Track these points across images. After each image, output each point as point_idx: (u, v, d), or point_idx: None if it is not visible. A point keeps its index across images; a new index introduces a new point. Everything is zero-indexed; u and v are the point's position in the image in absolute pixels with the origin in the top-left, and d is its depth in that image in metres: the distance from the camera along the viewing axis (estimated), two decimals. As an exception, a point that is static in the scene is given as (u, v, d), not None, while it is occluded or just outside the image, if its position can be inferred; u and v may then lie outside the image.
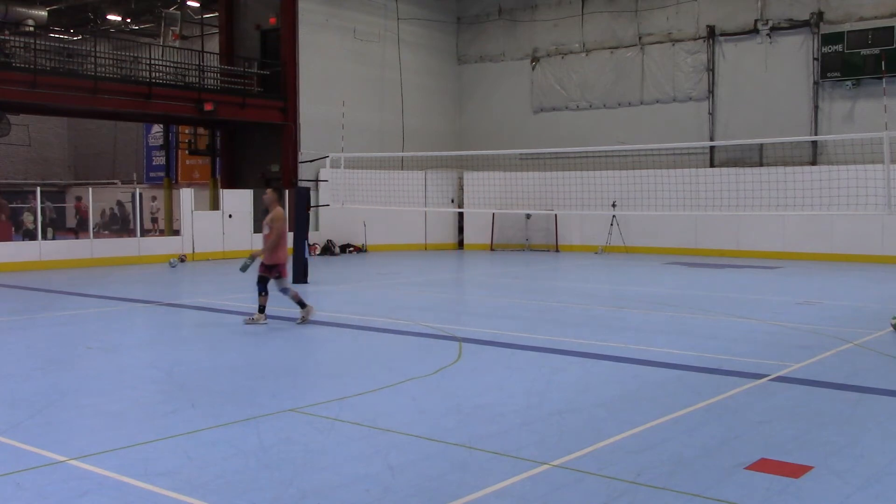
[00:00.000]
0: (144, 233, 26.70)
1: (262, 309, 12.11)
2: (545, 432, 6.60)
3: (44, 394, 7.91)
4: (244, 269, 12.13)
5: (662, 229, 25.62)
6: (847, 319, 12.42)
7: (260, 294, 12.11)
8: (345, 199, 19.89)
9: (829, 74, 23.62)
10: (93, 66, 22.97)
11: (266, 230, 12.15)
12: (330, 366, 9.74)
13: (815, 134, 23.85)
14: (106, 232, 32.32)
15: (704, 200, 21.11)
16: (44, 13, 30.95)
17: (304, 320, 12.13)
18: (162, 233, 29.64)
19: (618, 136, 26.86)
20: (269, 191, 12.72)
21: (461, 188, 28.97)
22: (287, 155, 26.36)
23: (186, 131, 30.71)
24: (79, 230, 27.24)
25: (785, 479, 5.49)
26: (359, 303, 15.03)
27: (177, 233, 24.72)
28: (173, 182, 29.91)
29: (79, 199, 24.35)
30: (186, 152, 32.18)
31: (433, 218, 29.02)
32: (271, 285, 12.15)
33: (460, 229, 29.56)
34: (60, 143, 43.25)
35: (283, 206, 13.60)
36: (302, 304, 12.19)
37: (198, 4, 32.66)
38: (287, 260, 12.35)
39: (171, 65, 25.50)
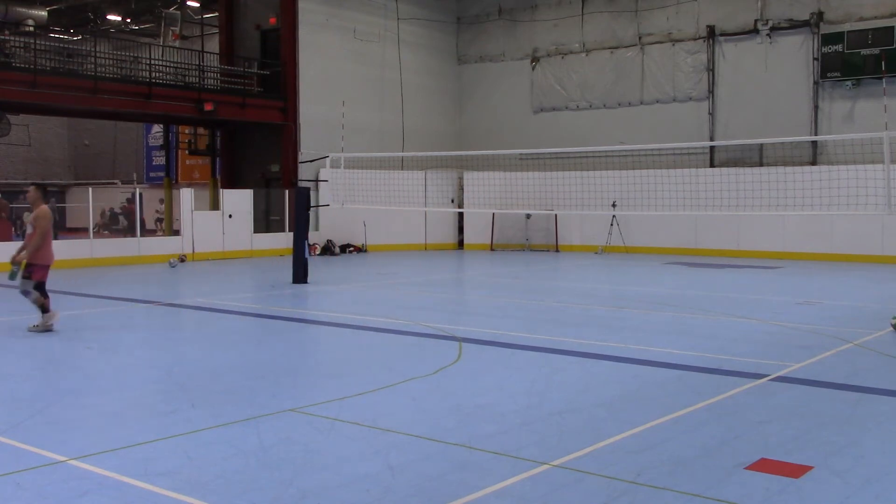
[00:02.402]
0: (146, 233, 26.66)
1: (44, 308, 11.33)
2: (545, 432, 6.60)
3: (44, 394, 7.91)
4: (13, 276, 11.22)
5: (662, 229, 25.62)
6: (847, 319, 12.41)
7: (44, 297, 11.34)
8: (345, 199, 19.89)
9: (829, 74, 23.62)
10: (93, 66, 22.98)
11: (30, 229, 11.29)
12: (330, 366, 9.74)
13: (815, 134, 23.85)
14: (106, 232, 32.33)
15: (704, 200, 21.11)
16: (44, 13, 30.97)
17: (37, 328, 11.26)
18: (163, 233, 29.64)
19: (618, 136, 26.85)
20: (32, 188, 11.65)
21: (461, 188, 28.97)
22: (287, 155, 26.37)
23: (186, 131, 30.72)
24: (127, 231, 26.11)
25: (785, 479, 5.50)
26: (359, 303, 15.02)
27: (177, 233, 24.71)
28: (173, 182, 29.92)
29: (129, 200, 24.58)
30: (186, 152, 32.19)
31: (433, 218, 29.02)
32: (19, 283, 11.26)
33: (460, 229, 29.56)
34: (60, 143, 43.26)
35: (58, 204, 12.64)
36: (45, 310, 11.29)
37: (198, 4, 32.68)
38: (50, 261, 11.42)
39: (171, 65, 25.50)
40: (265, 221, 26.11)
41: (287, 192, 25.63)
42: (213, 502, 5.10)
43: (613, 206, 23.56)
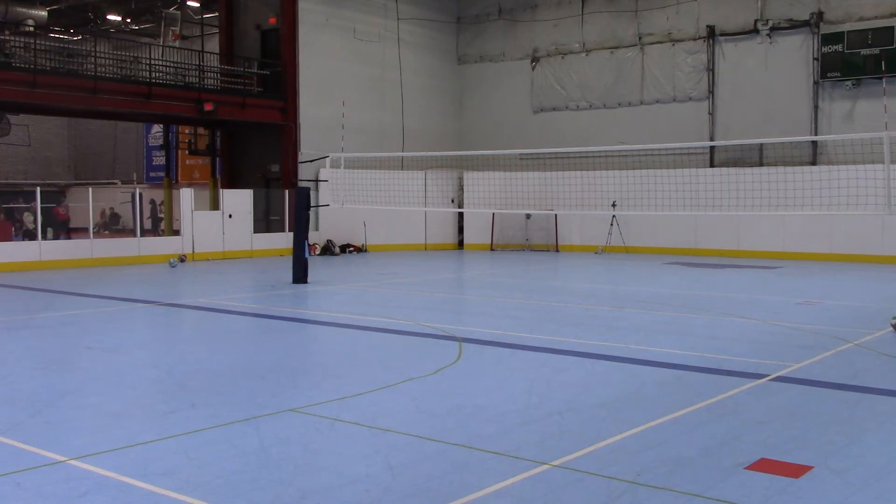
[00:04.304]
0: (146, 233, 26.67)
1: None
2: (545, 432, 6.60)
3: (44, 394, 7.91)
4: None
5: (662, 229, 25.61)
6: (847, 319, 12.41)
7: None
8: (345, 199, 19.88)
9: (829, 74, 23.62)
10: (93, 66, 22.98)
11: None
12: (330, 366, 9.73)
13: (815, 134, 23.85)
14: (106, 232, 32.33)
15: (704, 200, 21.10)
16: (44, 13, 30.96)
17: None
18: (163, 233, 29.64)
19: (618, 136, 26.85)
20: None
21: (461, 188, 28.96)
22: (287, 155, 26.36)
23: (186, 131, 30.71)
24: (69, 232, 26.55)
25: (785, 479, 5.50)
26: (359, 303, 15.02)
27: (177, 233, 24.71)
28: (173, 182, 29.91)
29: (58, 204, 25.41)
30: (186, 152, 32.19)
31: (433, 218, 29.02)
32: None
33: (460, 229, 29.56)
34: (60, 143, 43.24)
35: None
36: None
37: (198, 4, 32.66)
38: None
39: (171, 65, 25.49)
40: (265, 221, 26.11)
41: (287, 192, 25.63)
42: (213, 502, 5.10)
43: (613, 206, 23.55)
